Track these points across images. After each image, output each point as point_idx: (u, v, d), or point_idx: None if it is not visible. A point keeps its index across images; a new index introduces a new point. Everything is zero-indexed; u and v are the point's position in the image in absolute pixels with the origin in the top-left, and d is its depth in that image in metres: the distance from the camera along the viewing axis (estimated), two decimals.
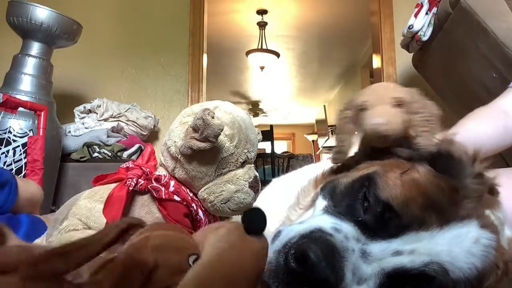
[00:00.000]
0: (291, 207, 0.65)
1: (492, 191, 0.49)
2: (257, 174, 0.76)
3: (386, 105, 0.62)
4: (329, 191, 0.51)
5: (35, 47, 1.90)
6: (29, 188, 1.11)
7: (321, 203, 0.50)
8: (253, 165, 0.76)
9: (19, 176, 1.57)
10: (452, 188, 0.45)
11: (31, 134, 1.70)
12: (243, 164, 0.73)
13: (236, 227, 0.36)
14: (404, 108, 0.61)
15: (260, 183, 0.76)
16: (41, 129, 1.60)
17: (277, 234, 0.44)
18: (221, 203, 0.70)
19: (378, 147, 0.64)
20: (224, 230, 0.36)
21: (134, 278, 0.31)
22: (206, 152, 0.67)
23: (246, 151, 0.73)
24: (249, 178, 0.72)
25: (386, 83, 0.68)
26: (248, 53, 4.85)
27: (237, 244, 0.35)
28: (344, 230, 0.42)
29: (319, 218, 0.46)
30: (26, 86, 1.84)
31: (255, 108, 8.07)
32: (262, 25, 4.59)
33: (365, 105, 0.64)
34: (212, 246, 0.35)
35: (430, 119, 0.60)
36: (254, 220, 0.37)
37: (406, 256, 0.40)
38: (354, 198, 0.46)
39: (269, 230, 0.46)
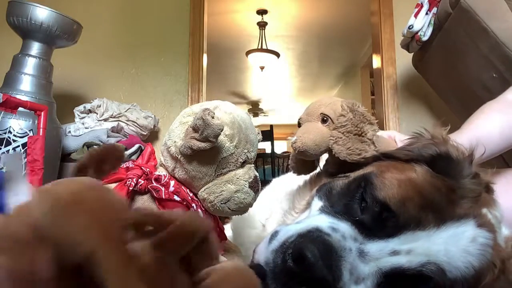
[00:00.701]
0: (287, 211, 0.65)
1: (488, 189, 0.49)
2: (257, 174, 0.76)
3: (314, 122, 0.67)
4: (325, 193, 0.51)
5: (35, 47, 1.90)
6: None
7: (317, 204, 0.50)
8: (253, 165, 0.76)
9: None
10: (449, 188, 0.45)
11: (31, 134, 1.70)
12: (243, 164, 0.73)
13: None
14: (329, 123, 0.65)
15: (260, 183, 0.76)
16: (41, 129, 1.60)
17: (275, 234, 0.44)
18: (221, 203, 0.70)
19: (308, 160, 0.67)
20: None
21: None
22: (206, 152, 0.67)
23: (246, 151, 0.73)
24: (249, 178, 0.72)
25: (324, 99, 0.71)
26: (248, 53, 4.85)
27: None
28: (341, 230, 0.42)
29: (317, 218, 0.46)
30: (26, 86, 1.84)
31: (255, 108, 8.07)
32: (262, 25, 4.59)
33: (300, 122, 0.70)
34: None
35: (351, 130, 0.62)
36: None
37: (403, 256, 0.40)
38: (351, 198, 0.47)
39: (268, 231, 0.46)
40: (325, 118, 0.66)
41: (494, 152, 0.83)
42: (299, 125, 0.71)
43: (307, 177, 0.72)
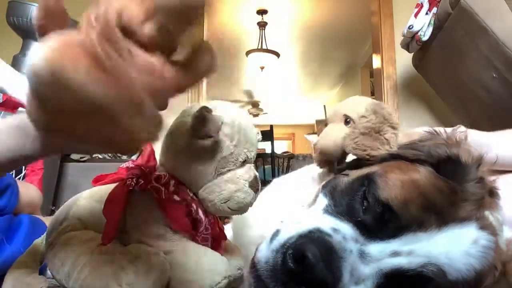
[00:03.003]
0: (297, 203, 0.65)
1: (492, 193, 0.49)
2: (257, 173, 0.76)
3: (338, 123, 0.68)
4: (329, 190, 0.51)
5: None
6: (28, 192, 1.12)
7: (322, 201, 0.50)
8: (253, 164, 0.76)
9: (19, 176, 1.57)
10: (452, 190, 0.45)
11: None
12: (243, 164, 0.73)
13: None
14: (351, 124, 0.66)
15: (260, 183, 0.76)
16: None
17: (276, 233, 0.44)
18: (221, 203, 0.70)
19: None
20: None
21: None
22: (206, 152, 0.67)
23: (246, 150, 0.72)
24: (249, 178, 0.72)
25: (350, 99, 0.72)
26: (248, 53, 4.85)
27: None
28: (342, 231, 0.42)
29: (318, 218, 0.46)
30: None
31: (255, 108, 8.08)
32: (262, 25, 4.59)
33: (326, 123, 0.72)
34: None
35: (368, 127, 0.63)
36: None
37: (404, 257, 0.40)
38: (354, 198, 0.46)
39: (269, 230, 0.46)
40: (348, 120, 0.67)
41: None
42: (326, 125, 0.73)
43: (314, 173, 0.74)
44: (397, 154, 0.53)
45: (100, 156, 2.02)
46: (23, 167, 1.61)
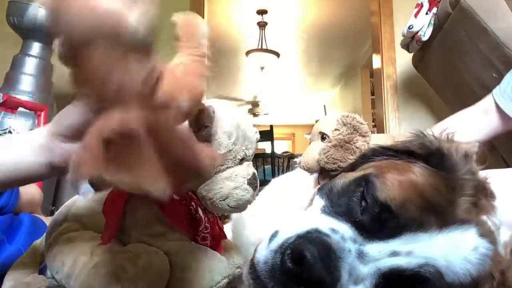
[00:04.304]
0: (296, 203, 0.65)
1: (487, 194, 0.49)
2: (255, 171, 0.76)
3: (317, 141, 0.76)
4: (326, 192, 0.51)
5: (35, 47, 1.90)
6: (29, 190, 1.12)
7: (318, 203, 0.50)
8: (251, 162, 0.76)
9: None
10: (448, 186, 0.45)
11: None
12: (241, 161, 0.73)
13: None
14: (327, 140, 0.73)
15: (258, 180, 0.76)
16: None
17: (274, 234, 0.44)
18: (220, 200, 0.70)
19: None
20: None
21: None
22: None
23: (244, 148, 0.72)
24: (248, 175, 0.72)
25: (324, 117, 0.78)
26: (248, 53, 4.85)
27: None
28: (341, 231, 0.42)
29: (317, 219, 0.46)
30: (26, 86, 1.84)
31: (255, 108, 8.07)
32: (262, 25, 4.60)
33: (310, 141, 0.79)
34: None
35: (341, 139, 0.69)
36: None
37: (403, 257, 0.40)
38: (351, 199, 0.46)
39: (268, 230, 0.46)
40: (324, 136, 0.74)
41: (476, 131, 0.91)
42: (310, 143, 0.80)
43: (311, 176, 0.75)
44: (387, 146, 0.54)
45: None
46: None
